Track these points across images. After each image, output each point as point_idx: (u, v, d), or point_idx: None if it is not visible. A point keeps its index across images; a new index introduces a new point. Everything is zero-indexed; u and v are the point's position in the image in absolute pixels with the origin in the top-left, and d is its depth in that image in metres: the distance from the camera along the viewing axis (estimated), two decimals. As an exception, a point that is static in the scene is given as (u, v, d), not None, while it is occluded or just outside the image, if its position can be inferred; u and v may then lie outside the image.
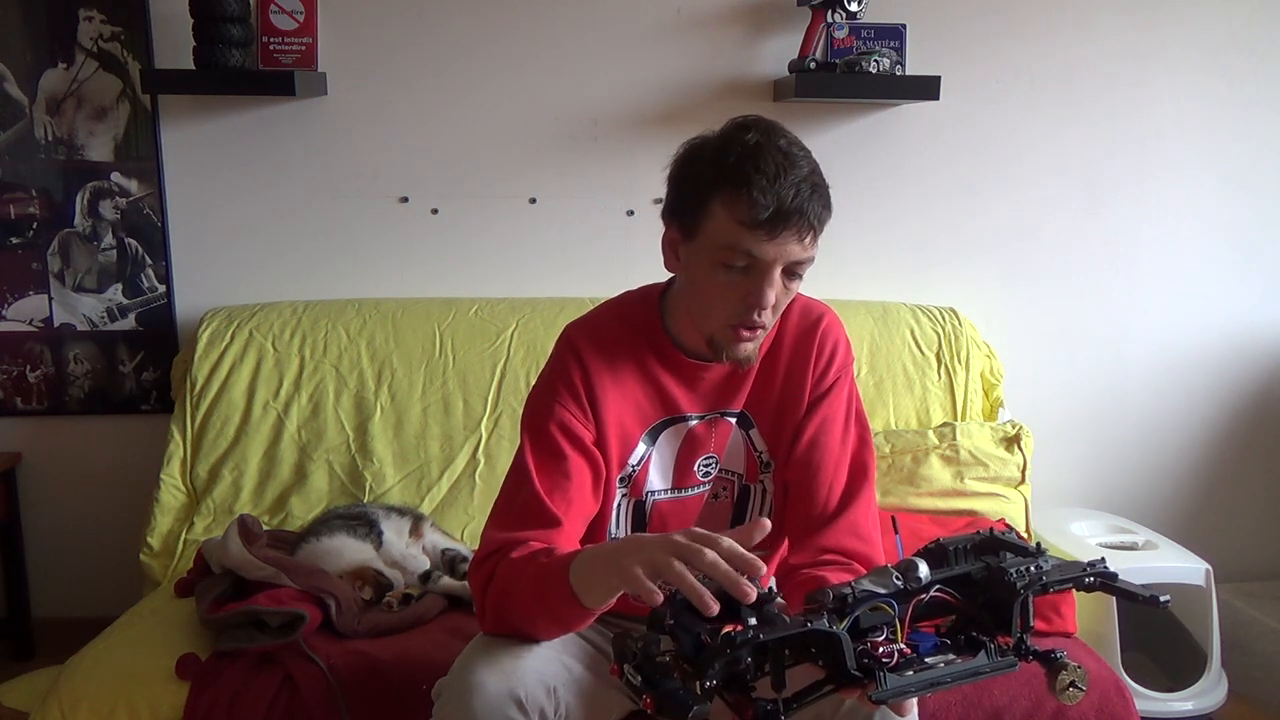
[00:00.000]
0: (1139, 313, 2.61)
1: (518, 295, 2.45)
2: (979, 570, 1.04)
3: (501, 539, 1.32)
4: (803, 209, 1.24)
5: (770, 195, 1.23)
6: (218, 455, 2.26)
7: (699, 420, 1.44)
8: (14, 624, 2.55)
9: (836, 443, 1.44)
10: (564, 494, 1.35)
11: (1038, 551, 1.06)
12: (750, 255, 1.26)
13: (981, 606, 1.03)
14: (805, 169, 1.26)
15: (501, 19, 2.39)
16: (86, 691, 1.63)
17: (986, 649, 1.01)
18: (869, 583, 1.00)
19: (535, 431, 1.39)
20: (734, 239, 1.26)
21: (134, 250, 2.45)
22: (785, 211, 1.24)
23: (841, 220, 2.45)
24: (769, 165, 1.24)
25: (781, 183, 1.24)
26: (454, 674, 1.29)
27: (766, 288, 1.28)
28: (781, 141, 1.28)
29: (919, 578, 1.01)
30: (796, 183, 1.24)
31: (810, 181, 1.26)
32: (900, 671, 0.96)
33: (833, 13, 2.30)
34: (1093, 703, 1.66)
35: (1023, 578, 1.01)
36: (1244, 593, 2.55)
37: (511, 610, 1.29)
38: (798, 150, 1.28)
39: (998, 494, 2.25)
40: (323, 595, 1.74)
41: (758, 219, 1.24)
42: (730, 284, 1.29)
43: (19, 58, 2.36)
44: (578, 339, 1.42)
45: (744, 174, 1.25)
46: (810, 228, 1.27)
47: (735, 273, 1.29)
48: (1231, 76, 2.50)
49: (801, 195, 1.24)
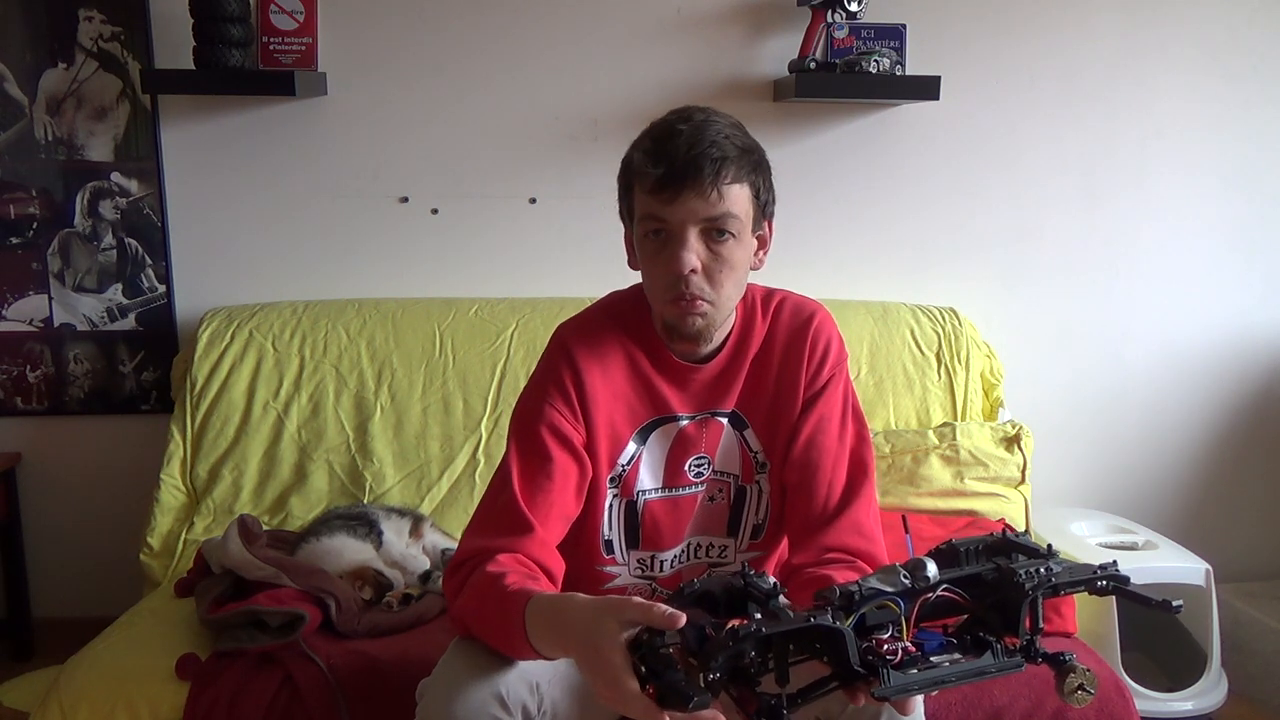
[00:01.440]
0: (1139, 313, 2.61)
1: (518, 295, 2.45)
2: (989, 571, 1.03)
3: (474, 547, 1.32)
4: (696, 164, 1.27)
5: (662, 159, 1.29)
6: (218, 455, 2.26)
7: (690, 420, 1.44)
8: (14, 624, 2.55)
9: (834, 441, 1.43)
10: (545, 496, 1.35)
11: (1049, 553, 1.06)
12: (660, 219, 1.31)
13: (990, 607, 1.03)
14: (709, 134, 1.29)
15: (501, 19, 2.39)
16: (86, 691, 1.63)
17: (993, 649, 1.01)
18: (876, 581, 1.00)
19: (522, 431, 1.39)
20: (646, 208, 1.32)
21: (134, 250, 2.45)
22: (677, 171, 1.28)
23: (841, 220, 2.53)
24: (664, 133, 1.31)
25: (674, 145, 1.28)
26: (435, 674, 1.29)
27: (680, 250, 1.31)
28: (694, 113, 1.32)
29: (927, 577, 1.00)
30: (690, 143, 1.28)
31: (708, 138, 1.29)
32: (904, 669, 0.96)
33: (833, 13, 2.30)
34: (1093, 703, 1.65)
35: (1031, 579, 1.01)
36: (1244, 593, 2.55)
37: (475, 627, 1.28)
38: (702, 115, 1.32)
39: (998, 494, 2.25)
40: (323, 595, 1.74)
41: (656, 182, 1.29)
42: (657, 256, 1.34)
43: (19, 58, 2.36)
44: (568, 338, 1.43)
45: (645, 146, 1.32)
46: (710, 184, 1.28)
47: (658, 243, 1.33)
48: (1231, 76, 2.50)
49: (694, 153, 1.27)
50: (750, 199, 1.34)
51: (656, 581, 1.50)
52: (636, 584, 1.50)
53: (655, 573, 1.49)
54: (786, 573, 1.41)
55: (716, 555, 1.51)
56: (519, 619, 1.17)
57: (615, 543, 1.47)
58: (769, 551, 1.52)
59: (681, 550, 1.49)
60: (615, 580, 1.49)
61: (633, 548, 1.48)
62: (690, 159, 1.27)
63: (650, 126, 1.35)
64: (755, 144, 1.35)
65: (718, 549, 1.50)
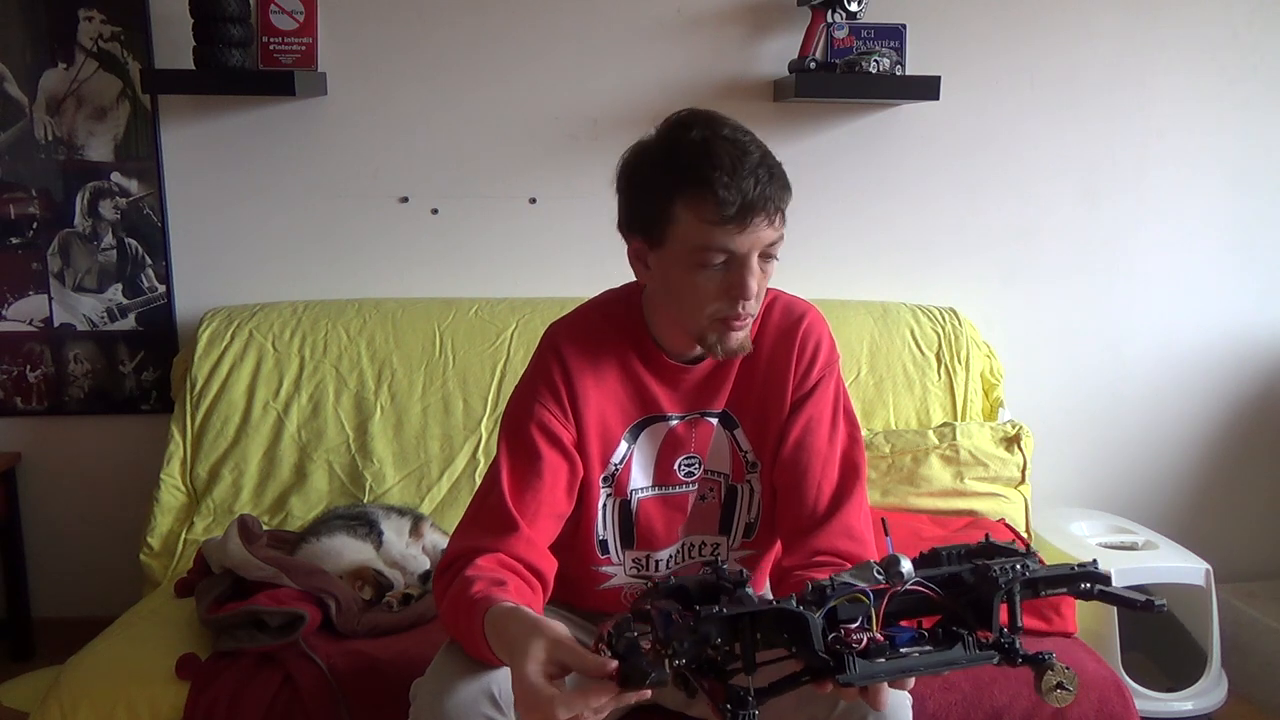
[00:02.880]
0: (1139, 313, 2.61)
1: (518, 295, 2.45)
2: (967, 571, 1.04)
3: (460, 549, 1.32)
4: (766, 194, 1.25)
5: (734, 190, 1.24)
6: (218, 455, 2.26)
7: (680, 420, 1.44)
8: (14, 624, 2.55)
9: (824, 443, 1.43)
10: (534, 495, 1.35)
11: (1027, 553, 1.06)
12: (727, 250, 1.27)
13: (966, 605, 1.03)
14: (757, 154, 1.27)
15: (501, 19, 2.39)
16: (86, 691, 1.63)
17: (964, 641, 1.01)
18: (850, 576, 1.00)
19: (512, 430, 1.39)
20: (706, 239, 1.27)
21: (134, 250, 2.45)
22: (751, 202, 1.24)
23: (841, 220, 2.53)
24: (724, 159, 1.24)
25: (741, 173, 1.24)
26: (428, 673, 1.29)
27: (749, 278, 1.28)
28: (726, 131, 1.28)
29: (900, 573, 1.00)
30: (754, 169, 1.25)
31: (765, 165, 1.26)
32: (871, 657, 0.96)
33: (833, 13, 2.30)
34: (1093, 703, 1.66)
35: (1005, 573, 1.01)
36: (1244, 593, 2.55)
37: (451, 631, 1.30)
38: (744, 136, 1.28)
39: (998, 494, 2.25)
40: (323, 595, 1.74)
41: (727, 215, 1.24)
42: (710, 282, 1.30)
43: (19, 58, 2.36)
44: (559, 338, 1.43)
45: (702, 173, 1.25)
46: (777, 210, 1.27)
47: (714, 270, 1.29)
48: (1231, 76, 2.50)
49: (762, 181, 1.25)
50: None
51: (652, 581, 1.49)
52: (632, 584, 1.49)
53: (651, 572, 1.49)
54: (778, 575, 1.41)
55: (710, 554, 1.51)
56: (480, 627, 1.18)
57: (610, 542, 1.47)
58: (763, 550, 1.52)
59: (677, 550, 1.50)
60: (611, 580, 1.49)
61: (627, 547, 1.48)
62: (761, 190, 1.24)
63: (691, 145, 1.27)
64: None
65: (710, 547, 1.50)
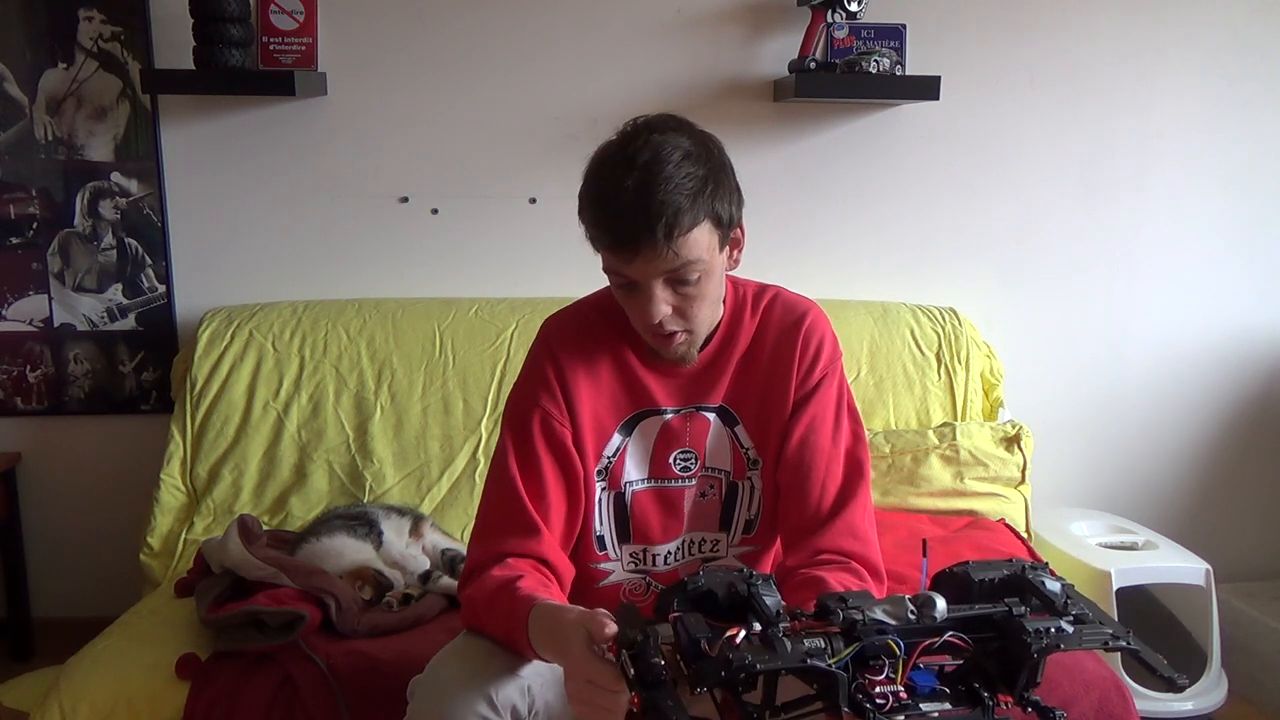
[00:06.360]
0: (1139, 313, 2.61)
1: (518, 295, 2.45)
2: (999, 614, 1.00)
3: (485, 554, 1.34)
4: (648, 229, 1.20)
5: (609, 224, 1.24)
6: (218, 455, 2.26)
7: (674, 414, 1.44)
8: (14, 624, 2.55)
9: (827, 441, 1.42)
10: (545, 499, 1.37)
11: (1065, 604, 1.02)
12: (623, 275, 1.28)
13: (992, 654, 0.99)
14: (657, 191, 1.20)
15: (501, 19, 2.39)
16: (86, 691, 1.63)
17: (985, 706, 0.98)
18: (881, 612, 0.98)
19: (517, 434, 1.40)
20: (607, 264, 1.30)
21: (134, 250, 2.45)
22: (625, 237, 1.23)
23: (841, 220, 2.52)
24: (609, 189, 1.23)
25: (617, 207, 1.22)
26: (427, 672, 1.30)
27: (648, 305, 1.29)
28: (641, 156, 1.22)
29: (934, 616, 0.98)
30: (636, 207, 1.20)
31: (659, 200, 1.20)
32: (891, 716, 0.94)
33: (833, 13, 2.30)
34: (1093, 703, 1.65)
35: (1039, 639, 0.97)
36: (1244, 593, 2.55)
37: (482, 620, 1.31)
38: (659, 159, 1.22)
39: (998, 494, 2.25)
40: (323, 595, 1.74)
41: (610, 244, 1.25)
42: (629, 300, 1.32)
43: (19, 58, 2.36)
44: (552, 333, 1.45)
45: (592, 199, 1.26)
46: (664, 244, 1.21)
47: (627, 290, 1.31)
48: (1231, 76, 2.50)
49: (642, 219, 1.20)
50: (711, 230, 1.27)
51: (652, 577, 1.49)
52: (631, 580, 1.49)
53: (651, 568, 1.49)
54: (781, 574, 1.41)
55: (709, 550, 1.51)
56: (523, 622, 1.20)
57: (607, 537, 1.47)
58: (764, 547, 1.51)
59: (677, 546, 1.49)
60: (609, 577, 1.49)
61: (624, 542, 1.48)
62: (639, 225, 1.20)
63: (593, 175, 1.26)
64: (709, 160, 1.27)
65: (710, 543, 1.50)
